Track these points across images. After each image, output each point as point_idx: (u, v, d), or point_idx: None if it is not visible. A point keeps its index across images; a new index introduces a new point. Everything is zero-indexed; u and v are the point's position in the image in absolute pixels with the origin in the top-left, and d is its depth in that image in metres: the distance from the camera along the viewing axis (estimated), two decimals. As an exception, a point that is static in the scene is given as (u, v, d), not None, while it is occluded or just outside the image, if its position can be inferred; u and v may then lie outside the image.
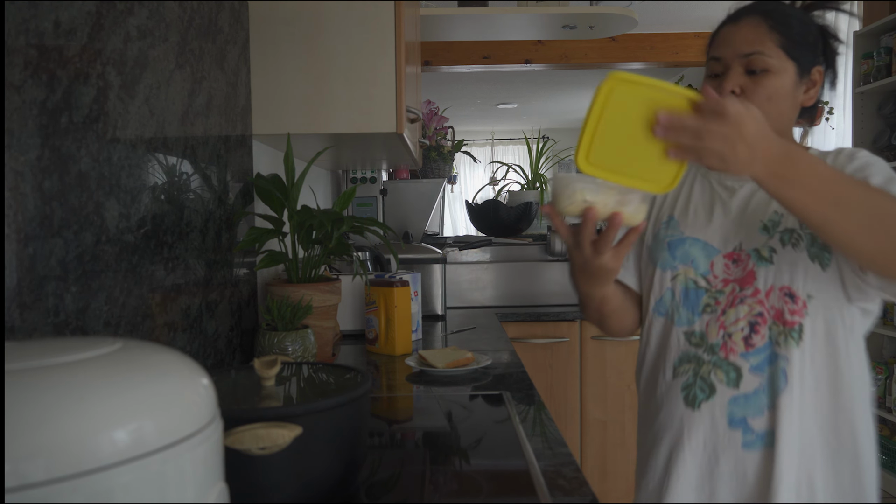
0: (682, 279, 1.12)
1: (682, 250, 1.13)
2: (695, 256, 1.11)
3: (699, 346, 1.10)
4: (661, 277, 1.15)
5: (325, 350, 1.52)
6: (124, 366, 0.44)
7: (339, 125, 1.54)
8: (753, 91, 1.04)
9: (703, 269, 1.11)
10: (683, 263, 1.12)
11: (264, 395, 0.81)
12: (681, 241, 1.13)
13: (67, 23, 0.77)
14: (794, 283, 1.04)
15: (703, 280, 1.10)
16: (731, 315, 1.07)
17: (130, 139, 0.93)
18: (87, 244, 0.81)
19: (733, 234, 1.10)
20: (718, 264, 1.10)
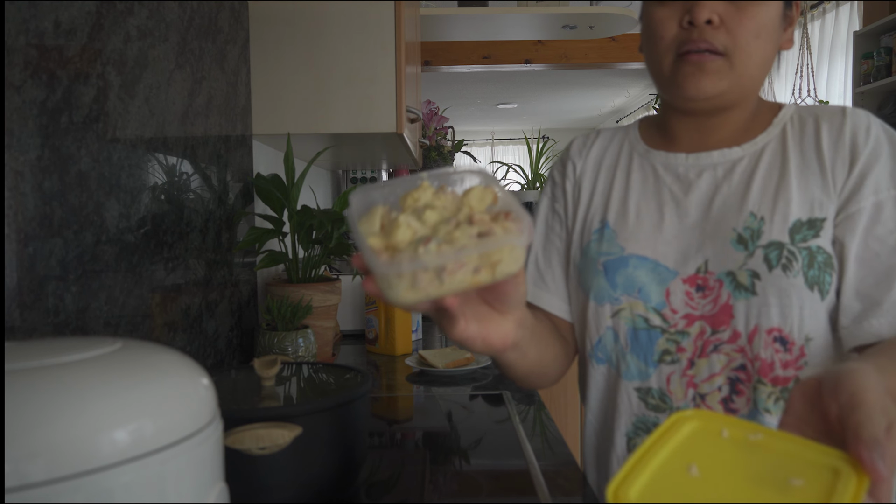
0: (627, 315, 0.84)
1: (623, 275, 0.84)
2: (643, 283, 0.83)
3: (660, 409, 0.83)
4: (597, 313, 0.87)
5: (325, 350, 1.52)
6: (124, 366, 0.44)
7: (339, 125, 1.54)
8: (738, 24, 0.77)
9: (655, 301, 0.83)
10: (628, 294, 0.84)
11: (264, 395, 0.81)
12: (621, 262, 0.85)
13: (67, 23, 0.77)
14: (787, 322, 0.77)
15: (656, 316, 0.83)
16: (703, 368, 0.80)
17: (130, 139, 0.93)
18: (87, 244, 0.81)
19: (694, 247, 0.82)
20: (677, 293, 0.82)
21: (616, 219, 0.88)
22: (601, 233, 0.88)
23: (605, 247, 0.87)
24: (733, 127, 0.86)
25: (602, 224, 0.89)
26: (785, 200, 0.80)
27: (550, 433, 1.11)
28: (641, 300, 0.83)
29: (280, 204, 1.46)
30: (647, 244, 0.84)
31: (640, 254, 0.84)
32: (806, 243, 0.78)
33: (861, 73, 3.53)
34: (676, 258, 0.83)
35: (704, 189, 0.84)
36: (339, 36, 1.52)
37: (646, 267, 0.84)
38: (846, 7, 3.96)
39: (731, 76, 0.79)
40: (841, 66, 3.99)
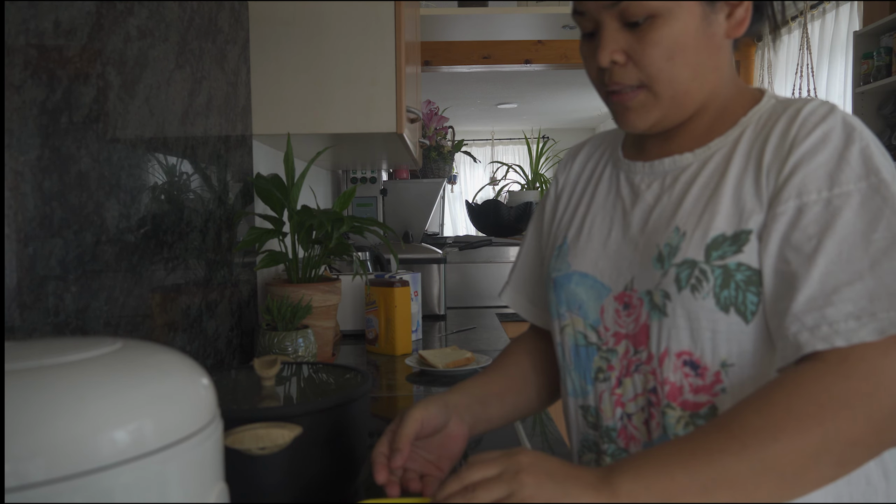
0: (570, 332, 0.84)
1: (567, 291, 0.84)
2: (582, 300, 0.82)
3: (595, 427, 0.82)
4: (553, 328, 0.88)
5: (325, 350, 1.52)
6: (124, 366, 0.44)
7: (339, 125, 1.54)
8: (643, 55, 0.72)
9: (592, 318, 0.81)
10: (570, 310, 0.83)
11: (264, 395, 0.81)
12: (567, 278, 0.84)
13: (67, 23, 0.77)
14: (697, 345, 0.72)
15: (592, 333, 0.81)
16: (628, 387, 0.78)
17: (130, 139, 0.93)
18: (87, 244, 0.81)
19: (627, 263, 0.79)
20: (609, 310, 0.80)
21: (574, 235, 0.87)
22: (560, 249, 0.87)
23: (557, 263, 0.86)
24: (695, 132, 0.80)
25: (562, 240, 0.88)
26: (711, 213, 0.73)
27: (550, 433, 1.11)
28: (581, 317, 0.82)
29: (280, 204, 1.46)
30: (590, 260, 0.82)
31: (582, 270, 0.83)
32: (723, 261, 0.70)
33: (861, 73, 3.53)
34: (612, 274, 0.80)
35: (649, 201, 0.80)
36: (339, 36, 1.52)
37: (585, 283, 0.82)
38: (846, 7, 3.96)
39: (659, 105, 0.76)
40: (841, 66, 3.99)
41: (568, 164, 0.96)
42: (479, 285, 2.69)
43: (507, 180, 3.82)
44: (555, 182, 0.96)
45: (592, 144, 0.94)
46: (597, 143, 0.94)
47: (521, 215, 2.95)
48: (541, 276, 0.95)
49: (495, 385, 0.89)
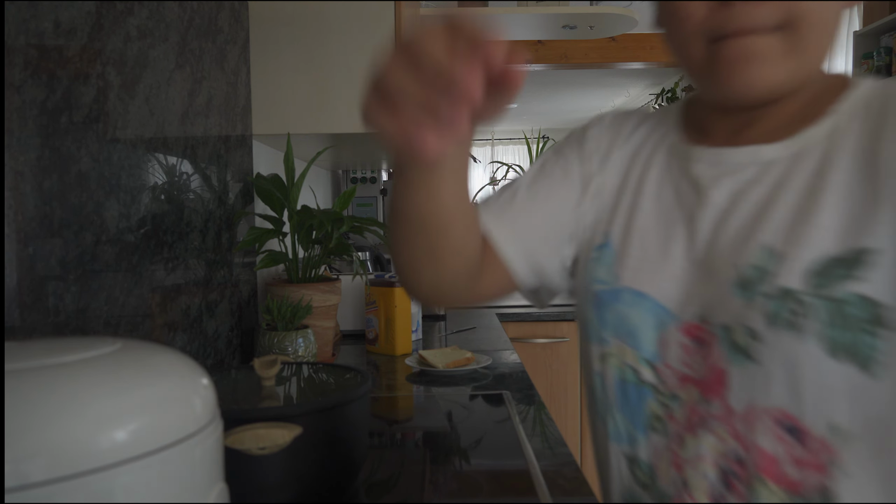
0: (615, 363, 0.67)
1: (615, 312, 0.67)
2: (635, 326, 0.65)
3: (647, 487, 0.65)
4: (587, 349, 0.71)
5: (325, 350, 1.52)
6: (124, 366, 0.44)
7: (340, 125, 1.54)
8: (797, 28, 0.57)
9: (648, 351, 0.65)
10: (618, 336, 0.66)
11: (264, 395, 0.81)
12: (614, 295, 0.67)
13: (67, 23, 0.77)
14: (797, 403, 0.56)
15: (648, 370, 0.65)
16: (690, 447, 0.61)
17: (130, 139, 0.93)
18: (87, 244, 0.81)
19: (698, 284, 0.63)
20: (672, 344, 0.63)
21: (620, 237, 0.69)
22: (601, 251, 0.70)
23: (601, 271, 0.69)
24: (781, 118, 0.63)
25: (605, 239, 0.70)
26: (811, 227, 0.56)
27: (550, 433, 1.11)
28: (632, 347, 0.65)
29: (280, 204, 1.46)
30: (648, 276, 0.65)
31: (637, 288, 0.66)
32: (830, 290, 0.54)
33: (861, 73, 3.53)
34: (679, 297, 0.63)
35: (719, 203, 0.63)
36: (340, 36, 1.52)
37: (641, 306, 0.65)
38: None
39: (793, 58, 0.58)
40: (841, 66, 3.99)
41: (616, 128, 0.75)
42: (479, 285, 2.69)
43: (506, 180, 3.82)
44: (588, 138, 0.75)
45: (646, 119, 0.75)
46: (652, 120, 0.75)
47: (521, 215, 2.95)
48: (551, 233, 0.73)
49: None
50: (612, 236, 0.70)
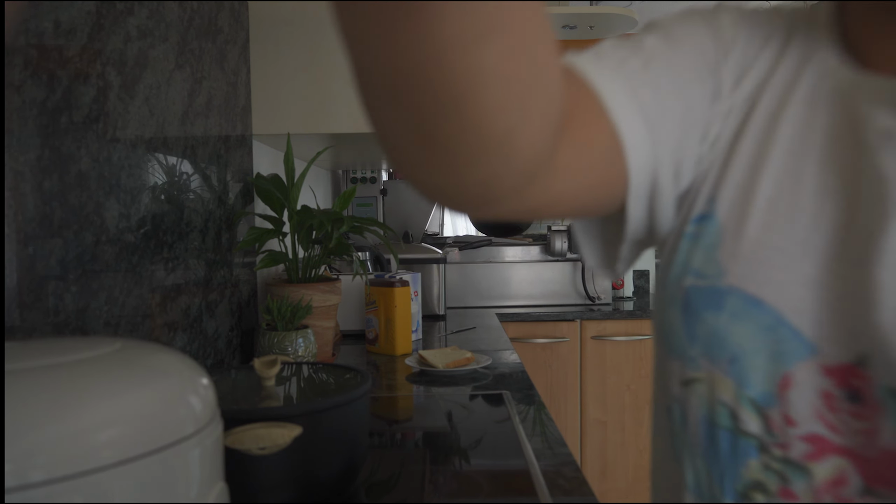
0: (702, 394, 0.47)
1: (711, 323, 0.46)
2: (741, 349, 0.45)
3: None
4: (665, 363, 0.51)
5: (325, 350, 1.52)
6: (124, 366, 0.44)
7: (340, 125, 1.54)
8: None
9: (758, 389, 0.44)
10: (710, 359, 0.46)
11: (264, 395, 0.81)
12: (713, 297, 0.46)
13: (67, 23, 0.77)
14: None
15: (753, 416, 0.45)
16: None
17: (130, 139, 0.93)
18: (87, 244, 0.81)
19: (855, 303, 0.42)
20: (805, 388, 0.43)
21: (733, 206, 0.47)
22: (701, 225, 0.48)
23: (697, 257, 0.48)
24: None
25: (708, 207, 0.48)
26: None
27: (550, 433, 1.11)
28: (733, 379, 0.45)
29: (280, 204, 1.46)
30: (770, 272, 0.44)
31: (752, 291, 0.45)
32: None
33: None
34: (821, 316, 0.42)
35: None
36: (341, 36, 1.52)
37: (755, 320, 0.44)
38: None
39: None
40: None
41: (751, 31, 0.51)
42: (479, 285, 2.69)
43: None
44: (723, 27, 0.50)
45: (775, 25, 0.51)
46: (782, 28, 0.51)
47: (521, 215, 2.95)
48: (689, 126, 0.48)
49: None
50: (718, 205, 0.47)
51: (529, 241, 2.76)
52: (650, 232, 0.52)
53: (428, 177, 0.36)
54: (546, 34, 0.32)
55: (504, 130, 0.32)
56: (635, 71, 0.47)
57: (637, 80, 0.46)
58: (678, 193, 0.50)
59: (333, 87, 1.53)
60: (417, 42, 0.27)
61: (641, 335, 2.51)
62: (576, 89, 0.44)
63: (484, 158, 0.34)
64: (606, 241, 0.55)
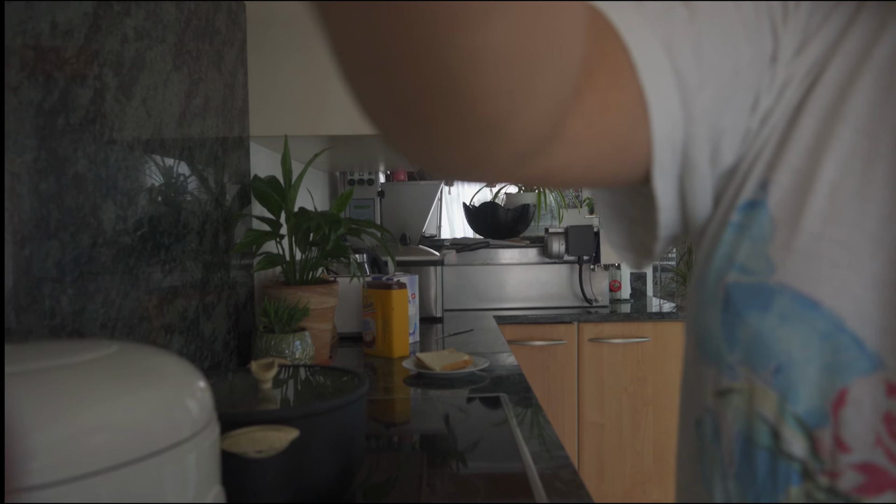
0: (740, 407, 0.41)
1: (755, 326, 0.41)
2: (790, 357, 0.39)
3: None
4: (696, 368, 0.46)
5: (322, 352, 1.52)
6: (120, 369, 0.43)
7: (337, 127, 1.54)
8: None
9: (806, 405, 0.39)
10: (752, 367, 0.41)
11: (261, 397, 0.81)
12: (760, 296, 0.41)
13: (64, 24, 0.77)
14: None
15: (799, 436, 0.39)
16: None
17: (127, 141, 0.93)
18: (83, 246, 0.81)
19: None
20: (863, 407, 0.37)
21: (789, 192, 0.41)
22: (750, 214, 0.42)
23: (742, 250, 0.42)
24: None
25: (759, 193, 0.42)
26: None
27: (548, 436, 1.11)
28: (777, 391, 0.39)
29: (277, 206, 1.46)
30: (830, 271, 0.39)
31: (806, 291, 0.39)
32: None
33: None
34: (892, 327, 0.37)
35: None
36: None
37: (809, 324, 0.39)
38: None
39: None
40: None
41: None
42: (477, 287, 2.69)
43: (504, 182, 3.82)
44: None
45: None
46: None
47: (518, 217, 2.95)
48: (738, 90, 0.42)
49: None
50: (771, 191, 0.42)
51: (526, 243, 2.76)
52: (683, 218, 0.46)
53: (414, 150, 0.34)
54: (567, 2, 0.27)
55: (501, 114, 0.29)
56: (679, 22, 0.40)
57: (679, 35, 0.40)
58: (719, 173, 0.44)
59: (331, 89, 1.52)
60: (397, 22, 0.24)
61: (639, 337, 2.51)
62: (603, 42, 0.39)
63: (475, 139, 0.31)
64: (633, 219, 0.49)
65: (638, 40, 0.39)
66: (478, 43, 0.24)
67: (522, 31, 0.25)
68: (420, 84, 0.27)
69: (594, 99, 0.38)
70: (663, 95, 0.39)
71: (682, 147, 0.41)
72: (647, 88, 0.39)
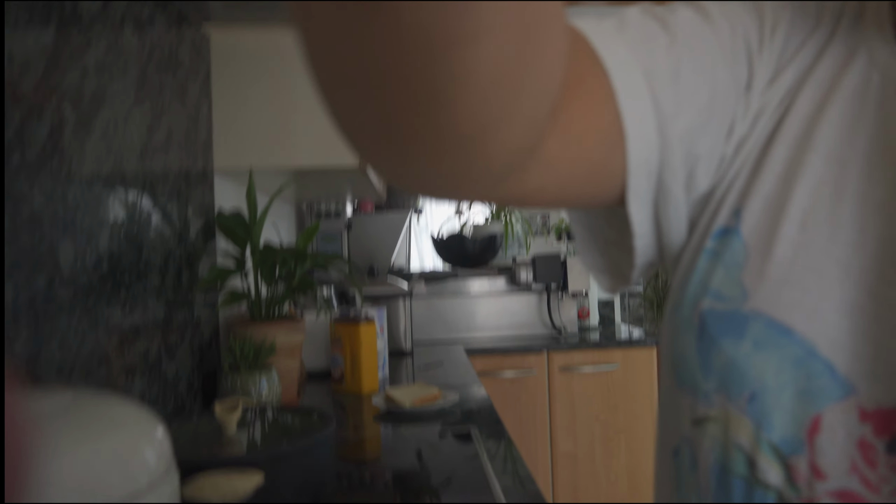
0: (716, 436, 0.41)
1: (729, 353, 0.41)
2: (764, 385, 0.39)
3: None
4: (672, 396, 0.46)
5: (289, 390, 1.48)
6: (75, 420, 0.41)
7: (303, 159, 1.52)
8: None
9: (781, 434, 0.38)
10: (726, 394, 0.40)
11: (226, 440, 0.78)
12: (734, 324, 0.41)
13: (21, 57, 0.75)
14: None
15: (774, 464, 0.39)
16: None
17: (86, 176, 0.90)
18: (39, 287, 0.78)
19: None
20: (837, 434, 0.37)
21: (762, 219, 0.42)
22: (723, 241, 0.43)
23: (717, 278, 0.42)
24: None
25: (732, 220, 0.43)
26: None
27: (520, 470, 1.09)
28: (751, 419, 0.39)
29: (243, 241, 1.44)
30: (803, 297, 0.39)
31: (780, 318, 0.39)
32: None
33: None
34: (862, 350, 0.37)
35: None
36: (303, 68, 1.51)
37: (782, 351, 0.39)
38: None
39: None
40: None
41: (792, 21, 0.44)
42: (447, 318, 2.68)
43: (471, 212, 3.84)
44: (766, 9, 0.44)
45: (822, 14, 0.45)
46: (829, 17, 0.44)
47: (485, 247, 2.95)
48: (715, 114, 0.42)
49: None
50: (744, 218, 0.42)
51: (495, 272, 2.76)
52: (658, 244, 0.46)
53: (390, 166, 0.33)
54: (553, 24, 0.27)
55: (482, 130, 0.29)
56: (659, 47, 0.41)
57: (658, 61, 0.40)
58: (694, 199, 0.44)
59: (296, 121, 1.51)
60: (385, 39, 0.23)
61: (609, 363, 2.52)
62: (583, 63, 0.39)
63: (453, 156, 0.30)
64: (609, 241, 0.49)
65: (618, 65, 0.39)
66: (469, 60, 0.24)
67: (512, 49, 0.25)
68: (404, 99, 0.26)
69: (571, 121, 0.38)
70: (640, 121, 0.40)
71: (658, 173, 0.42)
72: (625, 113, 0.39)
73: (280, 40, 1.51)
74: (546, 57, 0.28)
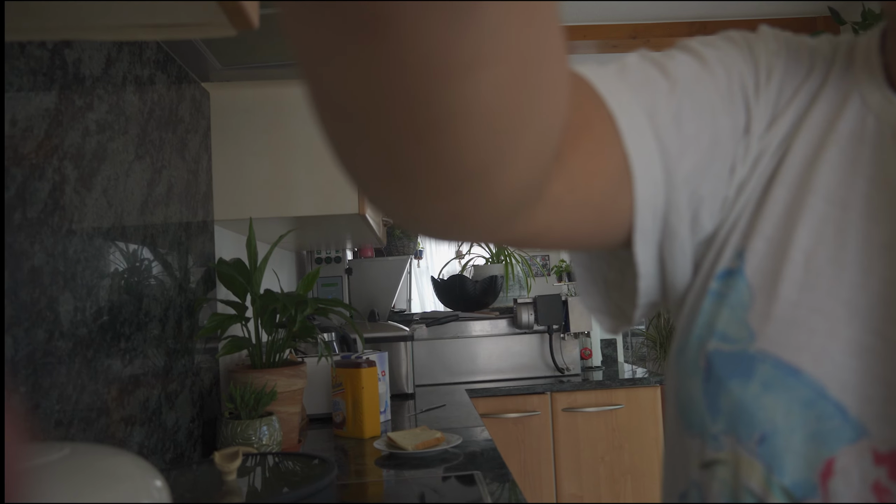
0: (725, 478, 0.41)
1: (737, 395, 0.40)
2: (774, 426, 0.39)
3: None
4: (679, 439, 0.45)
5: (290, 437, 1.48)
6: (72, 475, 0.42)
7: (302, 208, 1.55)
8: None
9: (793, 477, 0.38)
10: (736, 436, 0.40)
11: (226, 489, 0.79)
12: (741, 365, 0.41)
13: (24, 120, 0.78)
14: None
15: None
16: None
17: (87, 231, 0.92)
18: (38, 341, 0.79)
19: None
20: (851, 474, 0.37)
21: (766, 260, 0.42)
22: (728, 282, 0.43)
23: (723, 320, 0.42)
24: None
25: (736, 261, 0.43)
26: None
27: None
28: (762, 462, 0.39)
29: (242, 288, 1.45)
30: (810, 338, 0.39)
31: (787, 359, 0.39)
32: None
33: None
34: (872, 392, 0.37)
35: None
36: (300, 120, 1.55)
37: (791, 392, 0.39)
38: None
39: None
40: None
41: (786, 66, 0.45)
42: (449, 361, 2.67)
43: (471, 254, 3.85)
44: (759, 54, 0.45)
45: (816, 58, 0.46)
46: (822, 62, 0.46)
47: (486, 289, 2.96)
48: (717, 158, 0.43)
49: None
50: (748, 260, 0.42)
51: (496, 314, 2.77)
52: (662, 285, 0.46)
53: (393, 203, 0.33)
54: (556, 56, 0.27)
55: (485, 167, 0.29)
56: (661, 92, 0.42)
57: (660, 104, 0.41)
58: (698, 240, 0.44)
59: (295, 170, 1.54)
60: (384, 68, 0.23)
61: (612, 405, 2.50)
62: (588, 108, 0.40)
63: (457, 193, 0.30)
64: (609, 283, 0.50)
65: (622, 107, 0.40)
66: (469, 90, 0.24)
67: (512, 80, 0.25)
68: (404, 131, 0.26)
69: (577, 163, 0.39)
70: (647, 161, 0.40)
71: (664, 214, 0.42)
72: (632, 154, 0.40)
73: (277, 94, 1.55)
74: (547, 90, 0.28)
